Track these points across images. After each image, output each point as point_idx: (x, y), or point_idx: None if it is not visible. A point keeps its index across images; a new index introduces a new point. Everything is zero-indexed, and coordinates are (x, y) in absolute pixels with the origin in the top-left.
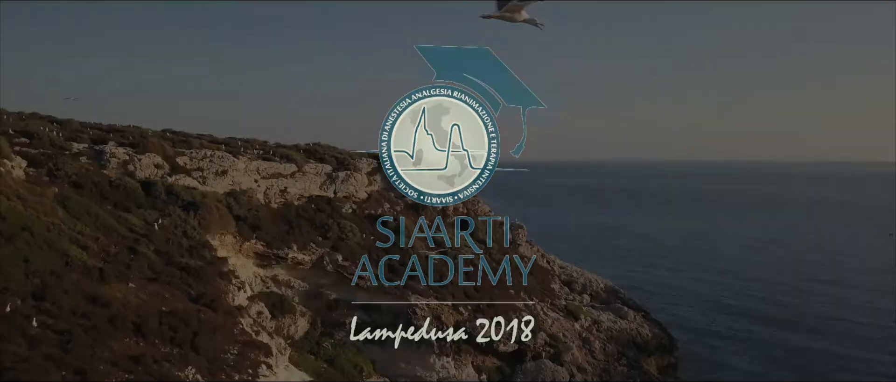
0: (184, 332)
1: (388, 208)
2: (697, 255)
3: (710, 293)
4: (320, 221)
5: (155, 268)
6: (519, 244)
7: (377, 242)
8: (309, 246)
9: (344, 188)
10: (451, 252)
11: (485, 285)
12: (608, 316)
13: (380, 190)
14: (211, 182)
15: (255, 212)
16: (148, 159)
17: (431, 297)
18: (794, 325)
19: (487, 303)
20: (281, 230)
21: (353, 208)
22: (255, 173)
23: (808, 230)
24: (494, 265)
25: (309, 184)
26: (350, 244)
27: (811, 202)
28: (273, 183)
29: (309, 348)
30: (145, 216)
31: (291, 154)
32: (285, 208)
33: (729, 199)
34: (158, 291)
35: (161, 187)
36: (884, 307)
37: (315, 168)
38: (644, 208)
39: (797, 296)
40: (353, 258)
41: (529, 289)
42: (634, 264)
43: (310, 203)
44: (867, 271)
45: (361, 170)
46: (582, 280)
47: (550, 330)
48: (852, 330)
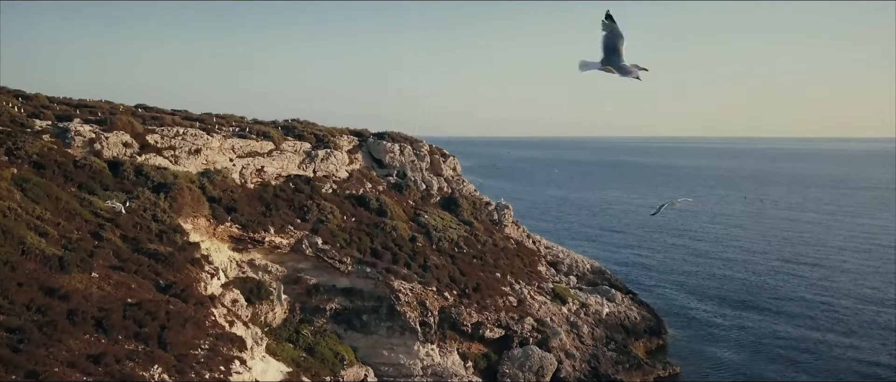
0: (150, 326)
1: (370, 187)
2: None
3: (696, 270)
4: (299, 202)
5: (121, 256)
6: (505, 224)
7: (358, 223)
8: (287, 229)
9: (324, 167)
10: (436, 234)
11: (470, 268)
12: (596, 299)
13: (362, 169)
14: (183, 161)
15: (231, 193)
16: (116, 138)
17: (415, 281)
18: (777, 303)
19: (474, 287)
20: (257, 212)
21: (333, 188)
22: (231, 152)
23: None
24: (480, 247)
25: (287, 163)
26: (330, 227)
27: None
28: (249, 162)
29: (287, 335)
30: (112, 199)
31: (268, 131)
32: (262, 189)
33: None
34: (124, 281)
35: (129, 167)
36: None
37: (293, 146)
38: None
39: (778, 275)
40: (333, 242)
41: (516, 272)
42: (619, 243)
43: (288, 183)
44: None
45: (342, 147)
46: (568, 261)
47: (538, 315)
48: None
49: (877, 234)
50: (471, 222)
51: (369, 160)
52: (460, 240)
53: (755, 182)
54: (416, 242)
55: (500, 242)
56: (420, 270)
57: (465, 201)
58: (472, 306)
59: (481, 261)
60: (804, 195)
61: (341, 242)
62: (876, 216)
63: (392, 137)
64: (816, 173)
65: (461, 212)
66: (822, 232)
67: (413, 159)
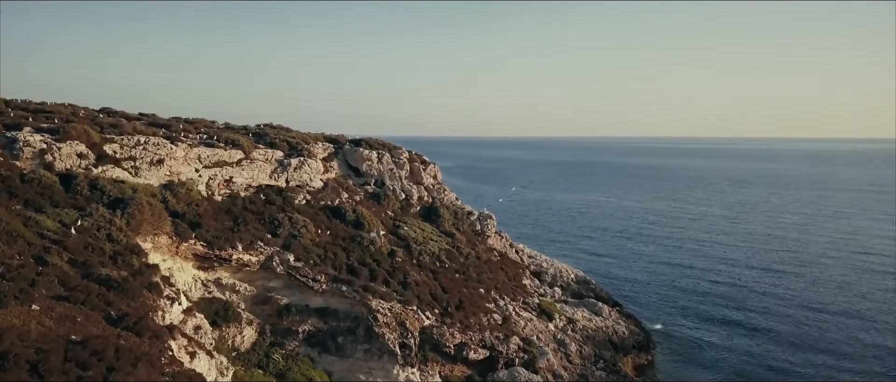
0: (96, 369)
1: (346, 197)
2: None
3: (679, 275)
4: (270, 215)
5: (68, 283)
6: (488, 235)
7: (334, 236)
8: (256, 245)
9: (297, 177)
10: (416, 247)
11: (453, 284)
12: (583, 313)
13: (337, 177)
14: (144, 173)
15: (195, 207)
16: (69, 148)
17: (394, 300)
18: (766, 308)
19: (456, 304)
20: (224, 227)
21: (306, 199)
22: (197, 162)
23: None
24: (463, 260)
25: (257, 173)
26: (303, 242)
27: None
28: (217, 172)
29: (257, 360)
30: (62, 217)
31: (238, 139)
32: (230, 201)
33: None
34: (69, 313)
35: (83, 180)
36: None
37: (265, 154)
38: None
39: (766, 279)
40: (306, 258)
41: (501, 286)
42: (599, 248)
43: (258, 194)
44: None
45: (317, 155)
46: (552, 271)
47: (524, 333)
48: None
49: (854, 237)
50: (452, 234)
51: (346, 168)
52: (442, 253)
53: (733, 183)
54: (396, 256)
55: (484, 254)
56: (399, 287)
57: (446, 211)
58: (454, 325)
59: (464, 276)
60: (783, 198)
61: (315, 258)
62: (853, 219)
63: (369, 143)
64: (795, 174)
65: (442, 222)
66: (800, 235)
67: (392, 167)
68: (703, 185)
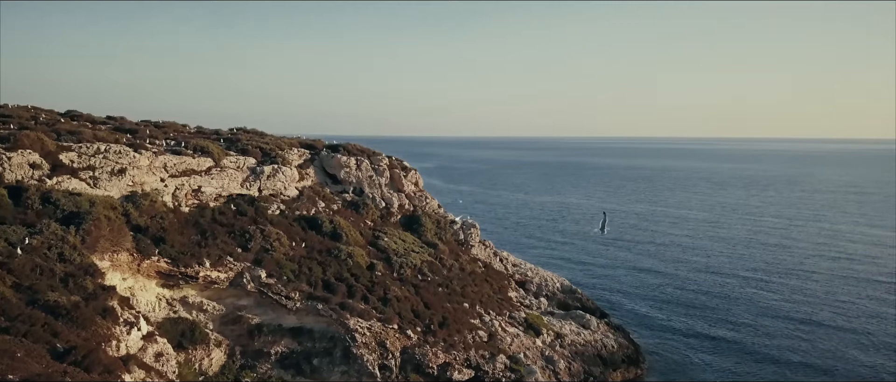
0: None
1: (323, 207)
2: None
3: (664, 281)
4: (240, 227)
5: (9, 312)
6: (472, 245)
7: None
8: (225, 260)
9: (270, 185)
10: (397, 260)
11: (436, 299)
12: (571, 327)
13: (314, 185)
14: (104, 184)
15: (160, 220)
16: (20, 158)
17: (374, 318)
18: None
19: (440, 322)
20: (191, 242)
21: (280, 209)
22: (162, 171)
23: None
24: (446, 273)
25: (228, 181)
26: (276, 256)
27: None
28: (184, 182)
29: None
30: (8, 235)
31: (207, 146)
32: (198, 213)
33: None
34: (8, 348)
35: (35, 193)
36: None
37: (236, 162)
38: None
39: (751, 283)
40: (279, 274)
41: (486, 300)
42: (581, 252)
43: (229, 205)
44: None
45: (291, 162)
46: (537, 280)
47: (511, 350)
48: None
49: (836, 239)
50: (435, 244)
51: (322, 176)
52: (424, 266)
53: (712, 184)
54: (375, 270)
55: (468, 265)
56: (379, 304)
57: (428, 220)
58: (438, 344)
59: (447, 290)
60: (762, 199)
61: (288, 274)
62: (835, 221)
63: (347, 149)
64: (772, 174)
65: (424, 232)
66: (783, 238)
67: (371, 173)
68: (684, 186)
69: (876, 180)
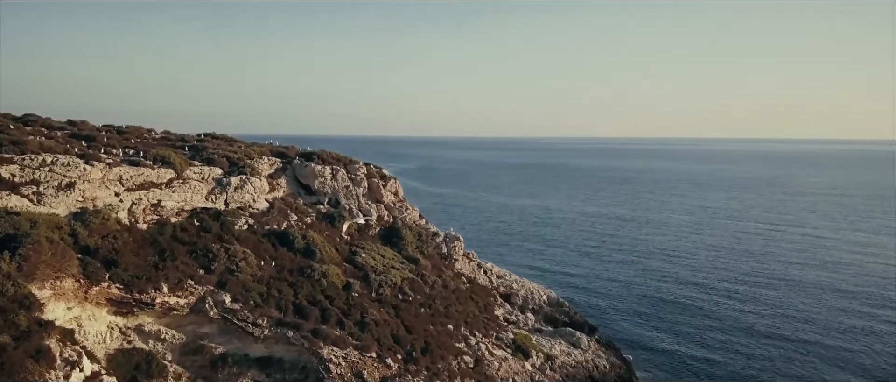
0: None
1: (295, 220)
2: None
3: (651, 292)
4: (203, 246)
5: None
6: (455, 258)
7: (279, 267)
8: (185, 284)
9: (238, 197)
10: (376, 278)
11: (418, 321)
12: (561, 346)
13: (285, 197)
14: (50, 201)
15: (112, 240)
16: None
17: (350, 345)
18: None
19: (422, 347)
20: (148, 264)
21: (248, 224)
22: (117, 184)
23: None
24: (429, 291)
25: (191, 194)
26: (242, 278)
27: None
28: (142, 196)
29: None
30: None
31: (169, 156)
32: (158, 230)
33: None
34: None
35: None
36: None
37: (200, 173)
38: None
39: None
40: (245, 298)
41: (472, 321)
42: (565, 259)
43: (192, 220)
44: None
45: (261, 173)
46: (523, 293)
47: (499, 376)
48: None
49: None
50: (416, 259)
51: (295, 186)
52: (405, 284)
53: (695, 186)
54: (352, 290)
55: (451, 282)
56: (356, 329)
57: (409, 233)
58: (420, 373)
59: (430, 310)
60: (742, 202)
61: (256, 297)
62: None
63: (322, 157)
64: (757, 175)
65: (405, 246)
66: (767, 244)
67: (348, 183)
68: (664, 188)
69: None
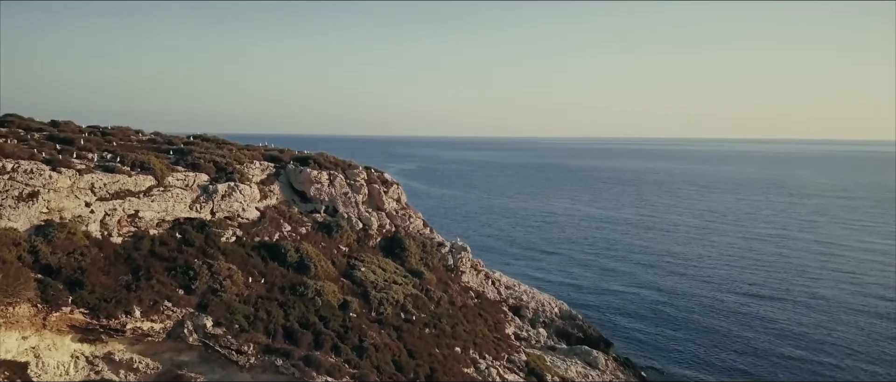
0: None
1: (288, 230)
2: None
3: (666, 303)
4: (184, 262)
5: None
6: (462, 270)
7: (269, 284)
8: (161, 307)
9: (226, 206)
10: (376, 295)
11: (422, 344)
12: (577, 368)
13: (278, 205)
14: (9, 213)
15: (79, 257)
16: None
17: (346, 374)
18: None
19: (427, 374)
20: (118, 284)
21: (237, 235)
22: (89, 193)
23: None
24: (434, 308)
25: (173, 204)
26: (226, 298)
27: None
28: (117, 206)
29: None
30: None
31: (149, 161)
32: (134, 244)
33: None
34: None
35: None
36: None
37: (184, 179)
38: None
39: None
40: (229, 322)
41: (481, 341)
42: (570, 264)
43: (173, 233)
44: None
45: (252, 179)
46: (533, 305)
47: None
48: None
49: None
50: (421, 272)
51: (289, 193)
52: (408, 301)
53: (698, 187)
54: (350, 310)
55: (458, 297)
56: (353, 355)
57: (412, 243)
58: None
59: (436, 330)
60: (751, 205)
61: (241, 321)
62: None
63: (319, 162)
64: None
65: (408, 257)
66: (780, 250)
67: (346, 190)
68: (670, 189)
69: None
